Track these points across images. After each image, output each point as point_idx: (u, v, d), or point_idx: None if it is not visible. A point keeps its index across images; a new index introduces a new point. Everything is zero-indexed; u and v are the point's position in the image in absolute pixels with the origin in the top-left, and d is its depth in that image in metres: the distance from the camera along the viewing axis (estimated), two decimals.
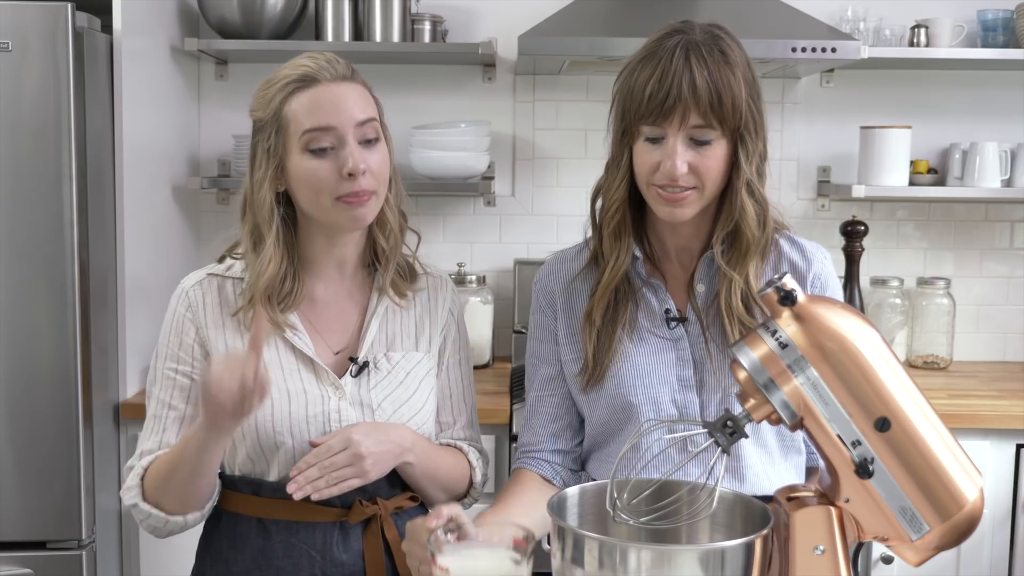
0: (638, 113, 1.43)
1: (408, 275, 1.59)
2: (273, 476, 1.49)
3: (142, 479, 1.47)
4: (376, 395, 1.51)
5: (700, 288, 1.52)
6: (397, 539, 1.51)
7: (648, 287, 1.54)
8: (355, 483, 1.45)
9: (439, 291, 1.63)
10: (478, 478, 1.61)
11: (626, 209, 1.50)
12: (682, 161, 1.41)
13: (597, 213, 1.56)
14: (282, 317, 1.49)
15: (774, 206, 1.53)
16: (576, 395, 1.58)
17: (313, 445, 1.45)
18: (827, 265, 1.56)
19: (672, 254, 1.55)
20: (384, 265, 1.56)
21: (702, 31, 1.45)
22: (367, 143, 1.46)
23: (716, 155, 1.43)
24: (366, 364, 1.52)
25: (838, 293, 1.57)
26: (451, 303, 1.63)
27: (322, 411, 1.48)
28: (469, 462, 1.61)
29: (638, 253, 1.53)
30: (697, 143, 1.42)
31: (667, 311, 1.52)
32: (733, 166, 1.45)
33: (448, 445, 1.61)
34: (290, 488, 1.43)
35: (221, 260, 1.56)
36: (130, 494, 1.48)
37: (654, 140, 1.43)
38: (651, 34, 1.50)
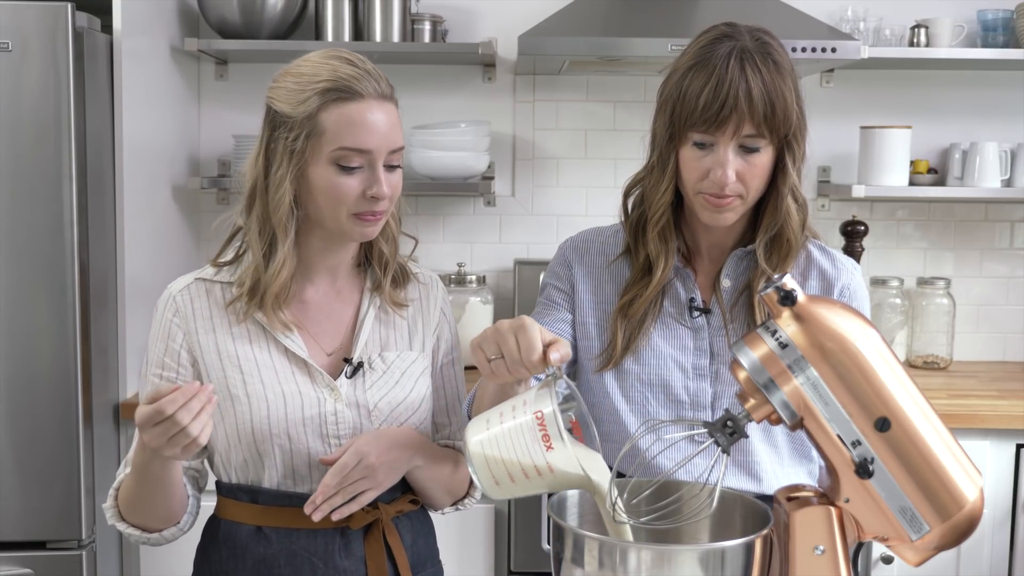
0: (690, 120, 1.43)
1: (402, 279, 1.58)
2: (270, 482, 1.47)
3: (116, 500, 1.47)
4: (372, 396, 1.50)
5: (726, 283, 1.55)
6: (399, 543, 1.51)
7: (679, 277, 1.56)
8: (372, 495, 1.44)
9: (430, 291, 1.61)
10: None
11: (670, 212, 1.52)
12: (732, 170, 1.43)
13: (631, 208, 1.58)
14: (284, 316, 1.48)
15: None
16: (586, 372, 1.59)
17: (325, 463, 1.44)
18: (856, 277, 1.58)
19: (703, 250, 1.57)
20: (384, 271, 1.54)
21: (751, 36, 1.46)
22: (391, 168, 1.45)
23: (763, 162, 1.45)
24: (361, 365, 1.51)
25: (865, 308, 1.58)
26: (442, 303, 1.62)
27: (318, 413, 1.47)
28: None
29: (677, 241, 1.56)
30: (746, 151, 1.43)
31: (691, 300, 1.55)
32: (778, 171, 1.47)
33: (448, 447, 1.61)
34: (307, 509, 1.42)
35: (216, 263, 1.53)
36: (108, 514, 1.48)
37: (703, 146, 1.44)
38: (696, 36, 1.49)
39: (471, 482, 1.61)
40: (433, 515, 1.64)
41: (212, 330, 1.48)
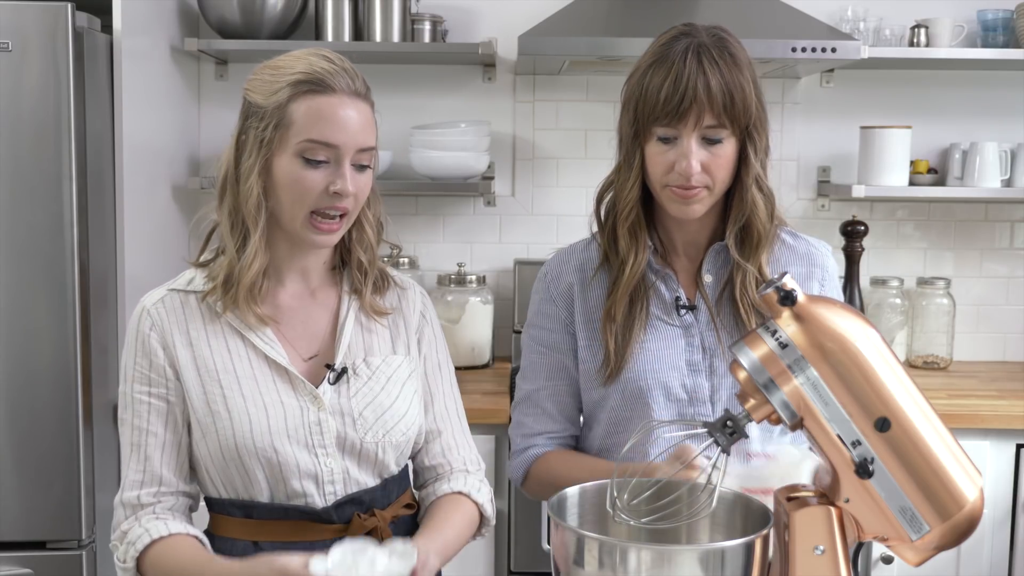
0: (652, 115, 1.47)
1: (383, 284, 1.55)
2: (262, 496, 1.43)
3: (138, 561, 1.39)
4: (356, 403, 1.46)
5: (708, 278, 1.57)
6: None
7: (659, 277, 1.58)
8: None
9: (408, 294, 1.58)
10: (489, 512, 1.57)
11: (639, 208, 1.55)
12: (696, 161, 1.46)
13: (604, 212, 1.60)
14: (257, 310, 1.44)
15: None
16: (590, 390, 1.60)
17: None
18: (831, 259, 1.64)
19: (679, 248, 1.59)
20: (364, 279, 1.52)
21: (708, 33, 1.49)
22: (359, 168, 1.42)
23: (726, 153, 1.48)
24: (344, 370, 1.47)
25: (837, 289, 1.64)
26: (422, 307, 1.59)
27: (302, 424, 1.43)
28: (478, 504, 1.56)
29: (650, 243, 1.57)
30: (709, 142, 1.46)
31: (677, 299, 1.57)
32: (741, 162, 1.50)
33: (454, 494, 1.54)
34: None
35: (197, 264, 1.50)
36: (122, 570, 1.41)
37: (667, 140, 1.47)
38: (656, 37, 1.53)
39: (482, 519, 1.57)
40: None
41: (189, 344, 1.44)
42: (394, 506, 1.51)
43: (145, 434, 1.44)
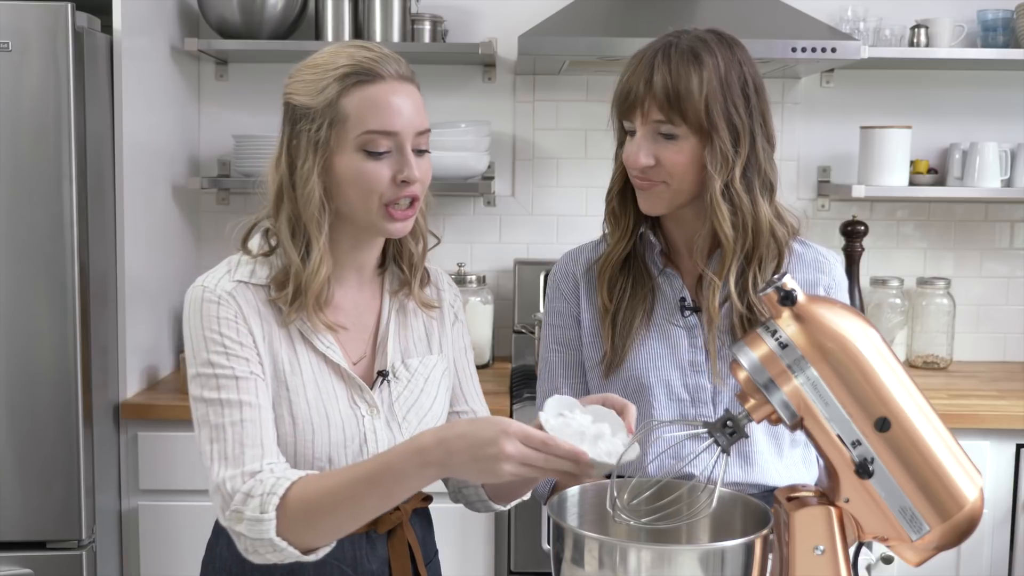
0: (617, 109, 1.53)
1: (425, 279, 1.53)
2: None
3: (277, 509, 1.27)
4: (400, 408, 1.45)
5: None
6: (415, 540, 1.49)
7: (664, 277, 1.58)
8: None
9: (440, 287, 1.58)
10: None
11: (624, 197, 1.58)
12: (646, 153, 1.48)
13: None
14: (324, 318, 1.40)
15: (789, 212, 1.57)
16: (594, 384, 1.61)
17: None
18: (840, 270, 1.62)
19: (683, 249, 1.59)
20: (413, 272, 1.49)
21: (693, 36, 1.49)
22: (419, 153, 1.40)
23: (682, 150, 1.47)
24: (385, 373, 1.45)
25: (845, 299, 1.60)
26: (452, 297, 1.58)
27: (358, 432, 1.40)
28: None
29: (655, 240, 1.59)
30: (665, 138, 1.47)
31: (682, 300, 1.57)
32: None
33: None
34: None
35: (245, 250, 1.43)
36: (260, 528, 1.26)
37: (630, 133, 1.52)
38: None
39: None
40: (435, 512, 1.61)
41: (263, 337, 1.38)
42: (413, 499, 1.49)
43: (259, 409, 1.34)
